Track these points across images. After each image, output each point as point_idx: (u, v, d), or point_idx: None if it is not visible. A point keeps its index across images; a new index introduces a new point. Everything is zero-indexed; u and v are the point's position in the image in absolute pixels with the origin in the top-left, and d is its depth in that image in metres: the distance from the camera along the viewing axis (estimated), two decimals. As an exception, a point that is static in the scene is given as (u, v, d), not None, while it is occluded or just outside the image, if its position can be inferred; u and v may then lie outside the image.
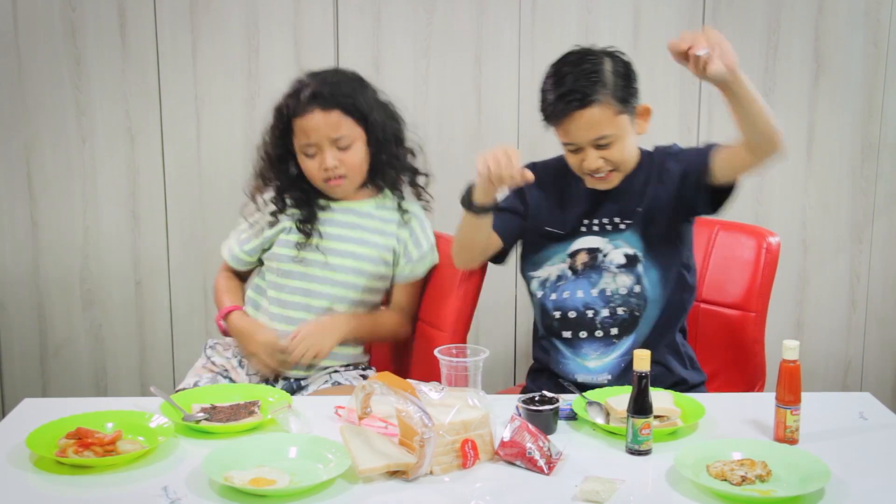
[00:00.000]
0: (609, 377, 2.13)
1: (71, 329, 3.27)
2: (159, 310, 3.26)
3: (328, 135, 2.19)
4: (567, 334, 2.17)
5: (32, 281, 3.23)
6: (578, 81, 2.00)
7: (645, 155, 2.19)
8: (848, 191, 3.25)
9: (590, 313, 2.15)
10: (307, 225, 2.26)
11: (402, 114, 2.35)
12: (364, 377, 2.32)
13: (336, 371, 2.30)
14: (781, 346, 1.76)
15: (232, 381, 2.27)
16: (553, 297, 2.17)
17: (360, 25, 3.11)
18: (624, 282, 2.13)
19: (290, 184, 2.30)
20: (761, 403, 1.94)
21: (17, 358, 3.29)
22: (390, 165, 2.30)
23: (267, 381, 2.26)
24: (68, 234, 3.21)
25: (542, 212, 2.21)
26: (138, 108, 3.14)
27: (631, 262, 2.13)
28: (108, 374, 3.30)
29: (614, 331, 2.13)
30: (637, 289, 2.13)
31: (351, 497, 1.55)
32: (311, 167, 2.23)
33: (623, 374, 2.11)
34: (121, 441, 1.70)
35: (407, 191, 2.37)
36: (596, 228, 2.16)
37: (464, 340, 2.32)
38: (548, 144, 3.16)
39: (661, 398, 1.82)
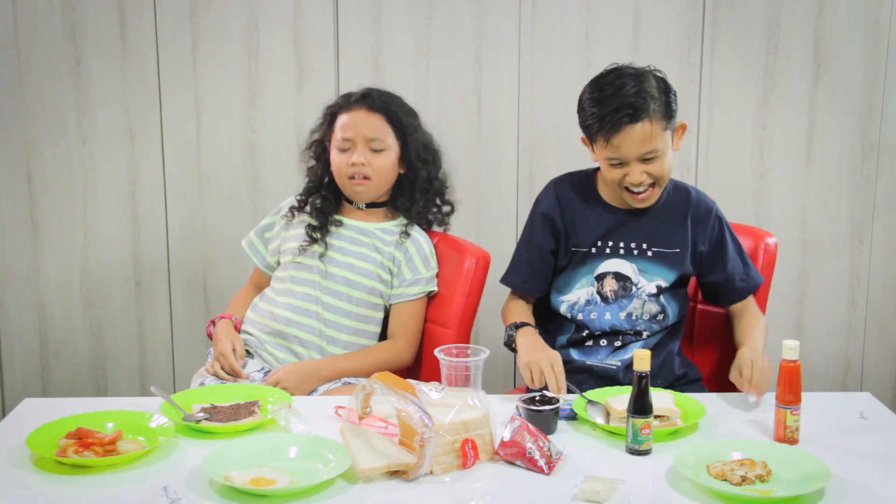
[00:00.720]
0: (619, 364, 2.18)
1: (71, 329, 3.27)
2: (159, 310, 3.26)
3: (365, 133, 2.27)
4: (589, 343, 2.21)
5: (33, 281, 3.23)
6: (630, 97, 2.02)
7: (673, 186, 2.23)
8: (848, 190, 3.25)
9: (618, 342, 2.19)
10: (317, 233, 2.32)
11: (442, 157, 2.43)
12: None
13: None
14: (781, 346, 1.76)
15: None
16: (580, 317, 2.20)
17: (360, 25, 3.11)
18: (650, 309, 2.18)
19: (317, 186, 2.38)
20: (761, 403, 1.94)
21: (17, 358, 3.29)
22: (414, 190, 2.35)
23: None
24: (68, 234, 3.21)
25: (569, 228, 2.22)
26: (138, 107, 3.14)
27: (660, 291, 2.18)
28: (108, 374, 3.30)
29: (637, 345, 2.18)
30: (661, 316, 2.20)
31: (351, 497, 1.55)
32: (340, 161, 2.29)
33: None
34: (121, 441, 1.70)
35: (422, 219, 2.40)
36: (622, 251, 2.18)
37: (468, 337, 2.34)
38: (548, 146, 3.18)
39: (661, 398, 1.83)
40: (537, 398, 1.82)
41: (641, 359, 1.69)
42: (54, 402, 2.03)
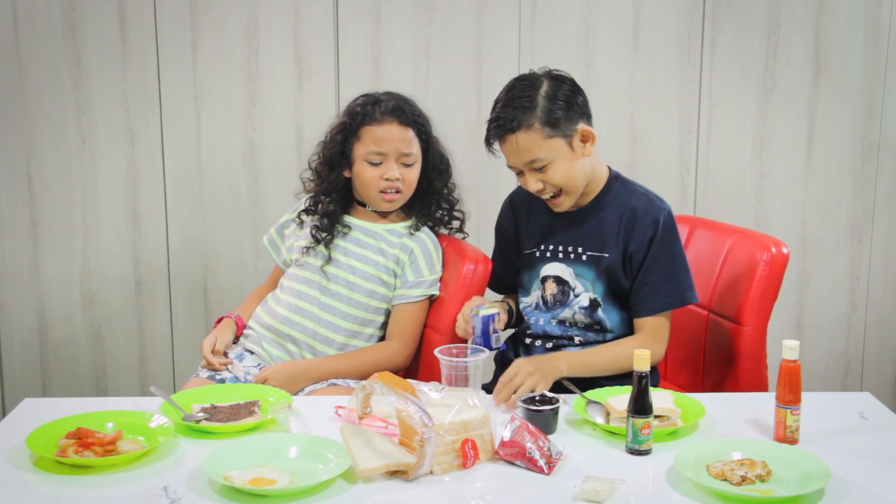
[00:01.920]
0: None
1: (71, 329, 3.27)
2: (159, 309, 3.26)
3: (400, 149, 2.27)
4: (527, 341, 2.22)
5: (33, 281, 3.23)
6: (505, 108, 2.04)
7: (618, 188, 2.15)
8: (848, 190, 3.25)
9: (549, 344, 2.18)
10: (323, 234, 2.32)
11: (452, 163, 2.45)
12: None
13: None
14: (782, 345, 1.76)
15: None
16: (530, 319, 2.22)
17: (360, 25, 3.11)
18: (582, 319, 2.16)
19: (330, 189, 2.35)
20: (761, 403, 1.94)
21: (17, 358, 3.29)
22: (432, 196, 2.38)
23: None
24: (68, 234, 3.21)
25: (520, 232, 2.26)
26: (138, 107, 3.14)
27: (593, 306, 2.14)
28: (108, 374, 3.30)
29: (571, 349, 2.16)
30: (597, 326, 2.16)
31: (351, 497, 1.55)
32: (371, 175, 2.28)
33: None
34: (121, 441, 1.70)
35: (433, 220, 2.42)
36: (560, 255, 2.17)
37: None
38: (548, 144, 3.18)
39: (661, 398, 1.82)
40: (537, 398, 1.82)
41: (641, 359, 1.69)
42: (54, 402, 2.03)
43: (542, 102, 2.02)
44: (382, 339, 2.35)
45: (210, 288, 3.25)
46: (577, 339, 2.16)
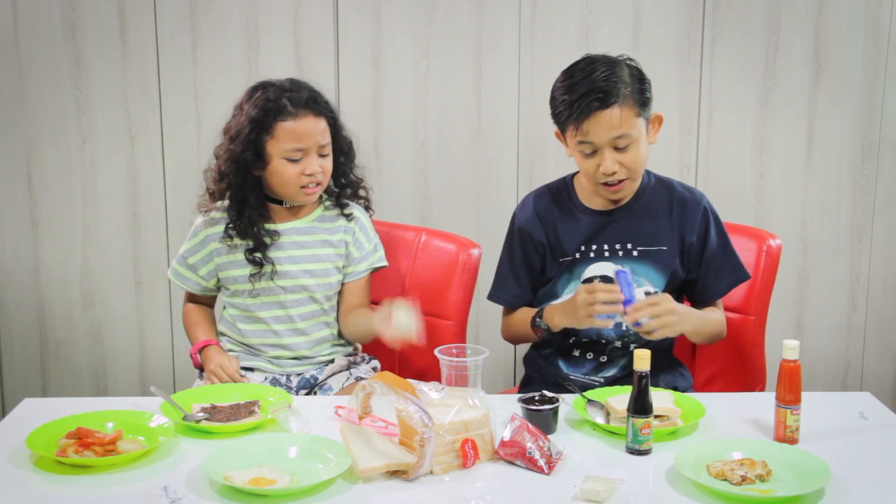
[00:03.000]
0: (602, 381, 2.15)
1: (71, 329, 3.27)
2: (159, 309, 3.26)
3: (318, 141, 2.20)
4: (575, 353, 2.18)
5: (33, 280, 3.23)
6: (599, 81, 2.00)
7: (653, 182, 2.18)
8: (848, 190, 3.25)
9: (602, 341, 2.15)
10: (257, 254, 2.23)
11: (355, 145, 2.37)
12: (376, 370, 2.35)
13: (351, 365, 2.32)
14: (781, 345, 1.76)
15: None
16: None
17: (360, 25, 3.11)
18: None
19: (243, 195, 2.22)
20: (761, 403, 1.94)
21: (17, 357, 3.29)
22: (346, 177, 2.34)
23: (280, 384, 2.26)
24: (68, 234, 3.21)
25: (552, 240, 2.19)
26: (138, 107, 3.14)
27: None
28: (108, 374, 3.30)
29: (622, 361, 2.15)
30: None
31: (351, 497, 1.55)
32: (291, 173, 2.18)
33: (615, 381, 2.13)
34: (121, 441, 1.70)
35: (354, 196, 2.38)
36: (606, 253, 2.13)
37: (465, 328, 2.35)
38: (547, 146, 3.18)
39: (661, 398, 1.83)
40: (537, 398, 1.82)
41: (641, 358, 1.69)
42: (54, 402, 2.03)
43: (629, 80, 2.03)
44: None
45: (210, 288, 3.25)
46: (632, 346, 2.12)
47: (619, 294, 1.95)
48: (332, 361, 2.31)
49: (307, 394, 2.25)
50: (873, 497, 1.55)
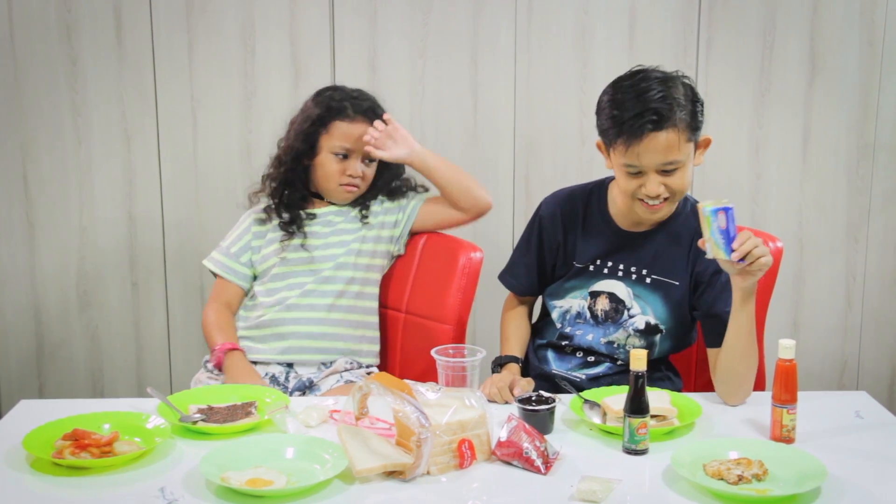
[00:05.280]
0: (584, 377, 2.15)
1: (67, 330, 3.26)
2: (156, 311, 3.26)
3: (364, 148, 2.35)
4: (567, 350, 2.18)
5: (29, 282, 3.23)
6: (654, 102, 1.90)
7: (688, 211, 2.10)
8: (844, 190, 3.26)
9: (591, 358, 2.15)
10: (292, 226, 2.38)
11: None
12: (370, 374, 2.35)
13: (346, 370, 2.32)
14: (778, 345, 1.76)
15: None
16: (567, 329, 2.16)
17: (357, 26, 3.11)
18: (634, 343, 2.11)
19: (292, 178, 2.40)
20: (758, 403, 1.94)
21: (13, 359, 3.28)
22: (377, 191, 2.46)
23: (277, 383, 2.27)
24: (65, 235, 3.21)
25: (568, 244, 2.16)
26: (134, 109, 3.14)
27: (650, 330, 2.10)
28: (104, 376, 3.30)
29: (607, 363, 2.14)
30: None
31: (348, 497, 1.56)
32: (335, 168, 2.36)
33: (598, 379, 2.14)
34: (117, 442, 1.70)
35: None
36: (620, 273, 2.10)
37: (464, 334, 2.35)
38: (544, 147, 3.18)
39: (657, 398, 1.83)
40: (533, 398, 1.82)
41: (638, 359, 1.69)
42: (51, 404, 2.03)
43: (686, 103, 1.93)
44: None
45: (207, 289, 3.25)
46: (619, 361, 2.12)
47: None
48: (333, 362, 2.32)
49: (301, 395, 2.25)
50: (869, 496, 1.56)
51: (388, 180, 2.45)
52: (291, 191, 2.40)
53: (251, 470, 1.60)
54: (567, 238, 2.16)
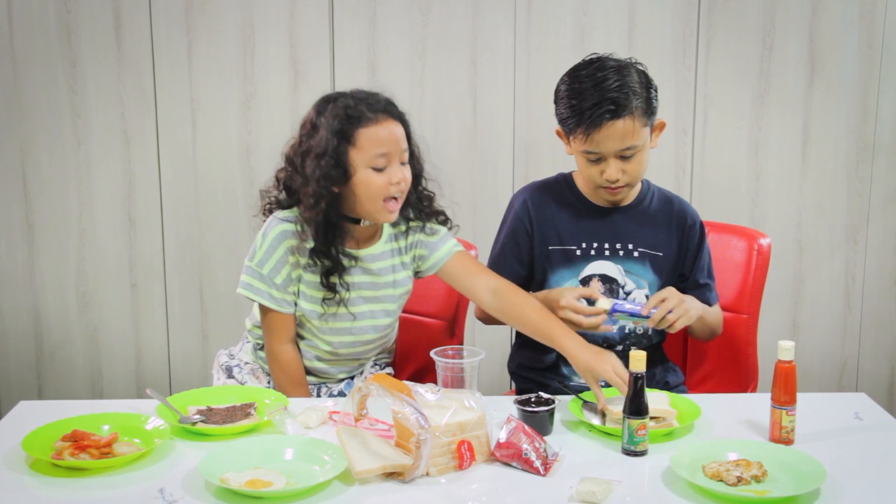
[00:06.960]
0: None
1: (67, 331, 3.27)
2: (155, 312, 3.26)
3: (400, 147, 2.02)
4: None
5: (28, 283, 3.23)
6: (611, 92, 1.97)
7: (657, 193, 2.20)
8: (843, 192, 3.26)
9: (604, 345, 2.12)
10: (332, 278, 2.06)
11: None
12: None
13: (361, 373, 2.27)
14: (777, 346, 1.76)
15: None
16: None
17: (356, 27, 3.11)
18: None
19: (331, 214, 2.03)
20: (757, 404, 1.94)
21: (12, 360, 3.28)
22: (416, 190, 2.15)
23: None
24: (64, 237, 3.21)
25: (544, 236, 2.17)
26: (134, 110, 3.14)
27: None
28: (103, 377, 3.30)
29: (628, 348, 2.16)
30: (651, 331, 2.17)
31: (347, 499, 1.55)
32: (378, 182, 1.99)
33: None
34: (117, 443, 1.70)
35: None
36: (607, 252, 2.14)
37: (462, 329, 2.36)
38: (543, 147, 3.18)
39: (656, 399, 1.83)
40: (533, 399, 1.82)
41: (637, 360, 1.69)
42: (50, 405, 2.03)
43: (640, 90, 2.01)
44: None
45: (206, 290, 3.25)
46: (633, 349, 2.08)
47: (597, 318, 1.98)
48: (361, 373, 2.26)
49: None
50: (869, 498, 1.56)
51: (415, 199, 2.14)
52: (328, 227, 2.02)
53: (251, 471, 1.60)
54: (544, 229, 2.16)
